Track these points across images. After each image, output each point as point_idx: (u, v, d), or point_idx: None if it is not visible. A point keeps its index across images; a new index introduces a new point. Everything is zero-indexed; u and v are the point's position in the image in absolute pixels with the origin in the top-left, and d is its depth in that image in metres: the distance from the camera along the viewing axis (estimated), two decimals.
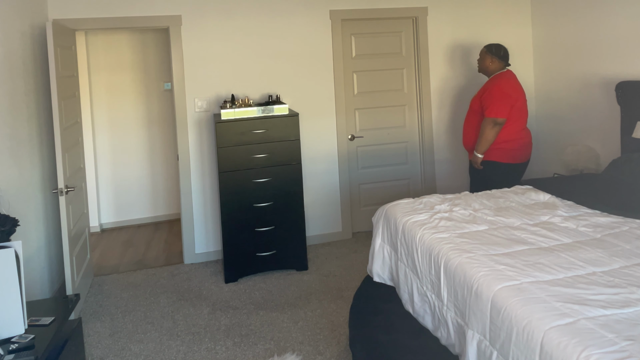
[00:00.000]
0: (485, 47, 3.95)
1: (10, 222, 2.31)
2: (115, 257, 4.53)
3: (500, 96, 3.70)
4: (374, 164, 4.77)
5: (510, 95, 3.73)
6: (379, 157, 4.77)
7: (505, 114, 3.68)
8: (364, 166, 4.75)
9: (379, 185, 4.80)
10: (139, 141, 5.50)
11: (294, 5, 4.44)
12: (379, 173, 4.80)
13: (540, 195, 3.05)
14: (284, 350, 2.87)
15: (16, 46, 3.22)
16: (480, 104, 3.81)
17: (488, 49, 3.92)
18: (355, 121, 4.72)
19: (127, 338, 3.12)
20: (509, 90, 3.74)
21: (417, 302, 2.44)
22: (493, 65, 3.89)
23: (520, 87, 3.85)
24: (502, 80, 3.79)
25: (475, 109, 3.87)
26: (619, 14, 3.96)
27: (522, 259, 2.10)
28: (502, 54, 3.88)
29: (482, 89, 3.90)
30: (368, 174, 4.77)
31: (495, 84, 3.78)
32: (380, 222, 2.91)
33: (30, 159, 3.32)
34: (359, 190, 4.75)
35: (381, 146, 4.76)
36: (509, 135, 3.75)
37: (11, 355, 1.93)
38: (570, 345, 1.50)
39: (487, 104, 3.72)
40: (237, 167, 3.81)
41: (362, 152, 4.74)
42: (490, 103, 3.70)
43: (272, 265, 3.93)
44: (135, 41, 5.46)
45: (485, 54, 3.93)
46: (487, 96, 3.75)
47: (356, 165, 4.73)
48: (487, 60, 3.91)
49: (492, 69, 3.90)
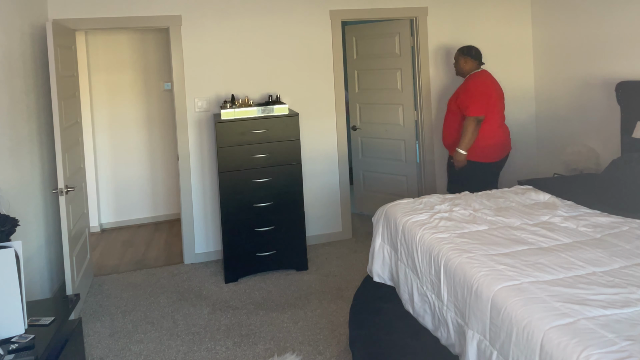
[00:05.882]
0: (458, 50, 4.11)
1: (10, 222, 2.31)
2: (115, 257, 4.53)
3: (476, 94, 3.82)
4: (374, 155, 5.16)
5: (484, 92, 3.84)
6: (378, 150, 5.13)
7: (483, 112, 3.79)
8: (366, 155, 5.22)
9: (380, 176, 5.15)
10: (139, 141, 5.50)
11: (294, 5, 4.44)
12: (378, 164, 5.15)
13: (540, 195, 3.05)
14: (284, 350, 2.87)
15: (16, 46, 3.22)
16: (456, 104, 3.91)
17: (460, 51, 4.07)
18: (357, 114, 5.23)
19: (127, 338, 3.12)
20: (483, 88, 3.87)
21: (417, 302, 2.44)
22: (467, 66, 4.01)
23: (495, 85, 3.97)
24: (477, 79, 3.92)
25: (452, 109, 3.98)
26: (619, 14, 3.96)
27: (522, 259, 2.10)
28: (474, 53, 4.01)
29: (458, 90, 4.01)
30: (369, 162, 5.21)
31: (470, 83, 3.91)
32: (380, 222, 2.91)
33: (30, 159, 3.32)
34: (362, 176, 5.29)
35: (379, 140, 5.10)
36: (484, 133, 3.84)
37: (11, 355, 1.93)
38: (570, 345, 1.50)
39: (465, 103, 3.82)
40: (237, 167, 3.81)
41: (364, 142, 5.23)
42: (469, 102, 3.80)
43: (272, 265, 3.93)
44: (135, 41, 5.46)
45: (458, 56, 4.07)
46: (464, 96, 3.86)
47: (359, 154, 5.28)
48: (460, 62, 4.04)
49: (467, 70, 4.02)
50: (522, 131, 4.90)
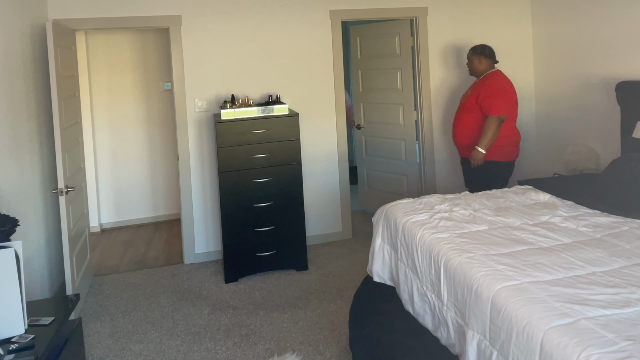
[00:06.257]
0: (471, 50, 4.07)
1: (10, 222, 2.31)
2: (115, 257, 4.53)
3: (501, 94, 3.79)
4: (376, 154, 5.23)
5: (508, 91, 3.85)
6: (380, 149, 5.18)
7: (507, 112, 3.77)
8: (369, 154, 5.30)
9: (382, 174, 5.20)
10: (139, 141, 5.50)
11: (294, 5, 4.44)
12: (381, 162, 5.20)
13: (540, 195, 3.05)
14: (284, 350, 2.87)
15: (16, 46, 3.22)
16: (477, 103, 3.86)
17: (473, 51, 4.04)
18: (361, 113, 5.31)
19: (127, 338, 3.12)
20: (507, 87, 3.86)
21: (417, 302, 2.44)
22: (482, 65, 3.99)
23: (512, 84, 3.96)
24: (499, 79, 3.90)
25: (469, 107, 3.92)
26: (619, 14, 3.96)
27: (522, 259, 2.10)
28: (488, 52, 3.98)
29: (476, 88, 3.94)
30: (372, 161, 5.28)
31: (493, 83, 3.87)
32: (380, 222, 2.91)
33: (30, 159, 3.32)
34: (366, 174, 5.36)
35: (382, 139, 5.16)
36: (503, 132, 3.82)
37: (11, 355, 1.93)
38: (570, 345, 1.50)
39: (488, 102, 3.78)
40: (237, 167, 3.81)
41: (367, 141, 5.31)
42: (492, 101, 3.76)
43: (272, 265, 3.93)
44: (135, 41, 5.46)
45: (471, 56, 4.04)
46: (486, 95, 3.81)
47: (363, 152, 5.37)
48: (474, 62, 4.01)
49: (481, 69, 3.99)
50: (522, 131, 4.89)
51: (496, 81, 3.87)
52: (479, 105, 3.85)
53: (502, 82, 3.88)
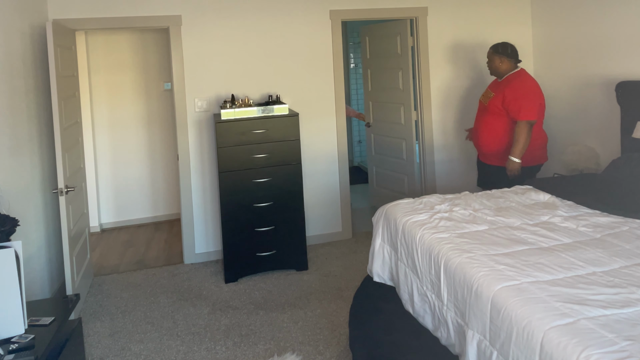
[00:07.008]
0: (491, 48, 3.81)
1: (10, 222, 2.31)
2: (115, 257, 4.53)
3: (529, 97, 3.57)
4: (382, 152, 5.30)
5: (536, 94, 3.63)
6: (386, 148, 5.25)
7: (536, 115, 3.57)
8: (377, 152, 5.39)
9: (387, 173, 5.27)
10: (139, 141, 5.50)
11: (294, 5, 4.44)
12: (386, 161, 5.27)
13: (540, 195, 3.05)
14: (284, 350, 2.87)
15: (16, 46, 3.22)
16: (503, 107, 3.62)
17: (494, 50, 3.78)
18: (370, 112, 5.42)
19: (127, 338, 3.12)
20: (535, 89, 3.64)
21: (417, 302, 2.44)
22: (504, 66, 3.74)
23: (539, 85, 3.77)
24: (526, 80, 3.67)
25: (494, 111, 3.68)
26: (619, 14, 3.96)
27: (522, 259, 2.10)
28: (510, 52, 3.73)
29: (501, 90, 3.68)
30: (379, 159, 5.36)
31: (519, 84, 3.63)
32: (380, 222, 2.91)
33: (30, 159, 3.32)
34: (375, 172, 5.48)
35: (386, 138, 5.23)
36: (534, 135, 3.64)
37: (11, 355, 1.93)
38: (570, 345, 1.50)
39: (516, 106, 3.55)
40: (237, 167, 3.81)
41: (375, 140, 5.40)
42: (520, 105, 3.54)
43: (272, 265, 3.93)
44: (135, 41, 5.46)
45: (492, 55, 3.79)
46: (512, 98, 3.58)
47: (372, 150, 5.50)
48: (495, 61, 3.77)
49: (503, 69, 3.75)
50: None
51: (522, 83, 3.62)
52: (505, 109, 3.61)
53: (529, 83, 3.64)
